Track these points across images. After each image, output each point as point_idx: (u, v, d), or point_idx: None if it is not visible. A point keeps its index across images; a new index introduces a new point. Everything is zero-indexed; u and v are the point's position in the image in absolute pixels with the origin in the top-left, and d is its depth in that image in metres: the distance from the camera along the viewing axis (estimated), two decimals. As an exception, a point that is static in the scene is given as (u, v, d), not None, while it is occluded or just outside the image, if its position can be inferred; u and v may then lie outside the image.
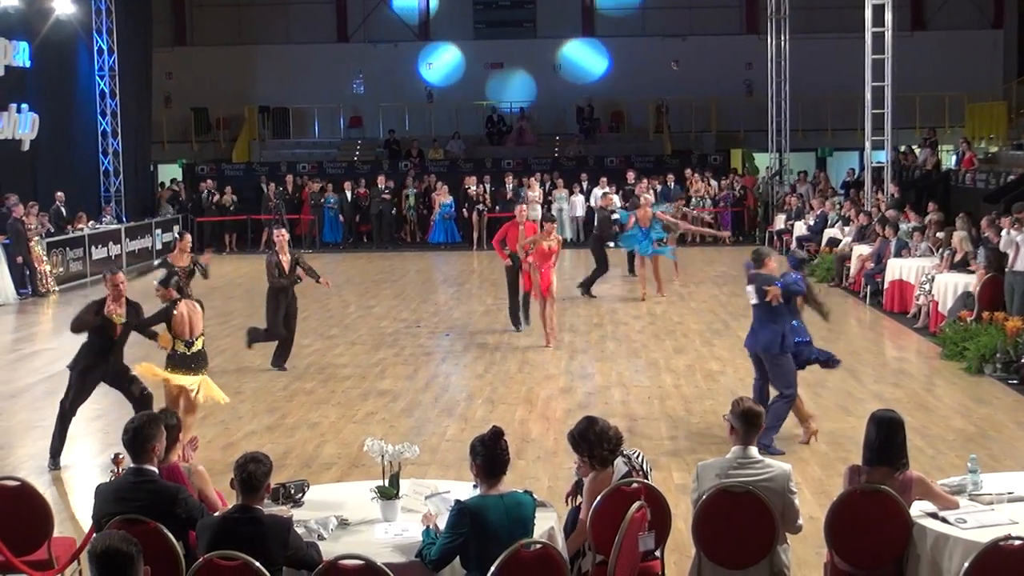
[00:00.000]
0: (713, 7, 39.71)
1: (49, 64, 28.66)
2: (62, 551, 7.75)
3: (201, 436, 11.46)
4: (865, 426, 7.38)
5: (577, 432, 7.62)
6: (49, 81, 28.80)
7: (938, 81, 35.89)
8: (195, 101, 38.61)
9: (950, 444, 11.81)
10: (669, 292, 22.24)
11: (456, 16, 40.61)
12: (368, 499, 7.40)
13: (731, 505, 7.22)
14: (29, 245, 23.90)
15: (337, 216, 33.31)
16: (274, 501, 7.33)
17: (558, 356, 16.81)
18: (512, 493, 6.74)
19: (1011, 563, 6.34)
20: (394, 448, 7.57)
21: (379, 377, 15.48)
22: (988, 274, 17.07)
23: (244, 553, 6.19)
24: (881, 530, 7.06)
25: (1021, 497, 7.36)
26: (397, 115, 39.35)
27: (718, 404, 12.90)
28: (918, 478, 7.24)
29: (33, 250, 24.03)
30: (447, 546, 6.51)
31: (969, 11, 39.40)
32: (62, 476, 11.39)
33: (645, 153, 36.56)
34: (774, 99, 34.19)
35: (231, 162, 36.91)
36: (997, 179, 26.64)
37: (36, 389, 15.37)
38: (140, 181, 33.46)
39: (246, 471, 6.54)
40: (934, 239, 20.35)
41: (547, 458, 11.55)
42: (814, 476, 10.72)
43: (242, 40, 39.75)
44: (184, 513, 6.91)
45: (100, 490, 7.18)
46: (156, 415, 7.49)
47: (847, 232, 25.02)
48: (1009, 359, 14.80)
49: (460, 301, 22.39)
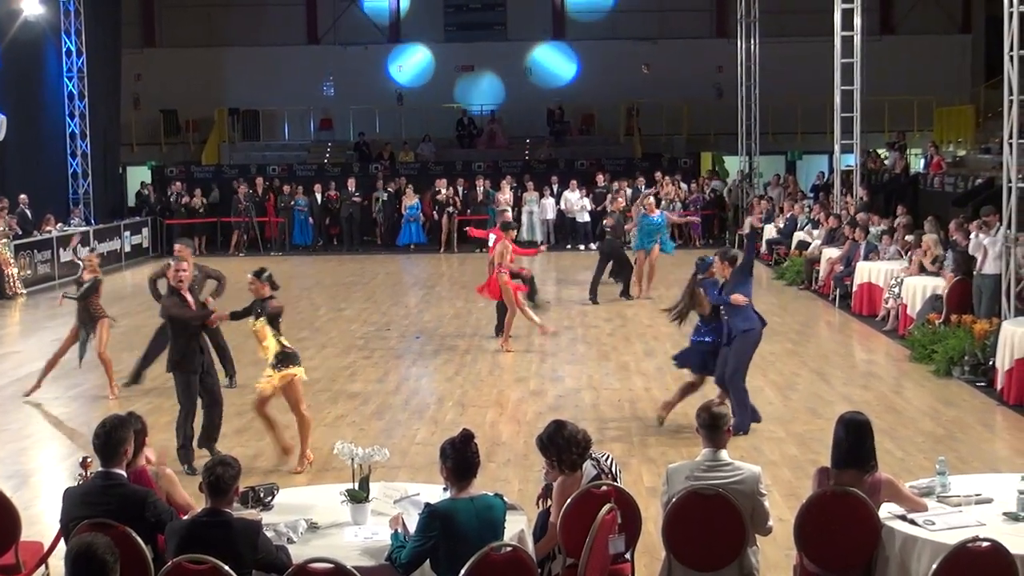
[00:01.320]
0: (684, 11, 39.85)
1: (17, 65, 28.49)
2: (29, 555, 7.70)
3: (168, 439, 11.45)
4: (833, 429, 7.41)
5: (545, 436, 7.61)
6: (17, 82, 28.62)
7: (907, 85, 36.08)
8: (165, 103, 38.43)
9: (919, 446, 11.87)
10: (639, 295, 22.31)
11: (427, 18, 40.58)
12: (338, 502, 7.39)
13: (701, 507, 7.23)
14: (-5, 247, 23.80)
15: (307, 219, 33.23)
16: (243, 504, 7.30)
17: (529, 359, 16.82)
18: (482, 496, 6.73)
19: (979, 565, 6.37)
20: (364, 451, 7.56)
21: (349, 380, 15.46)
22: (956, 277, 17.17)
23: (213, 556, 6.18)
24: (850, 532, 7.08)
25: (989, 499, 7.40)
26: (367, 118, 39.28)
27: (688, 406, 12.89)
28: (887, 480, 7.27)
29: (0, 252, 23.88)
30: (417, 549, 6.50)
31: (938, 16, 39.66)
32: (29, 481, 11.33)
33: (615, 156, 36.60)
34: (744, 102, 34.34)
35: (200, 164, 36.76)
36: (965, 183, 26.77)
37: (4, 392, 15.29)
38: (109, 183, 33.28)
39: (214, 474, 6.52)
40: (903, 242, 20.47)
41: (517, 461, 11.55)
42: (784, 478, 10.76)
43: (212, 42, 39.58)
44: (153, 517, 6.88)
45: (68, 494, 7.14)
46: (126, 418, 7.41)
47: (816, 235, 25.13)
48: (977, 362, 14.88)
49: (430, 304, 22.39)
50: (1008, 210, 15.78)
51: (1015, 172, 15.65)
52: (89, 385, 14.97)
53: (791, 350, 17.08)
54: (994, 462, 11.22)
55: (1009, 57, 15.49)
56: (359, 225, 33.54)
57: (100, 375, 15.11)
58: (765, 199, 31.58)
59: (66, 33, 30.45)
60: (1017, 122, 15.58)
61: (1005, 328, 14.22)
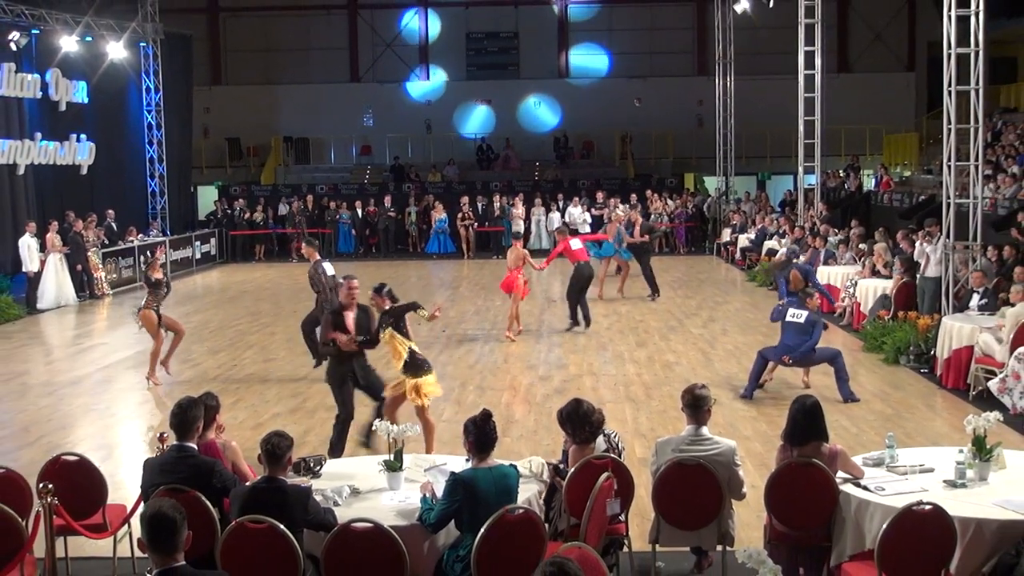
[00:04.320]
0: (670, 53, 39.87)
1: (104, 100, 28.56)
2: (114, 516, 7.74)
3: (233, 418, 11.50)
4: (790, 409, 7.39)
5: (565, 412, 7.60)
6: (104, 115, 28.70)
7: (860, 116, 36.02)
8: (229, 132, 38.53)
9: (870, 423, 11.83)
10: (631, 295, 22.27)
11: (452, 58, 40.60)
12: (376, 471, 7.40)
13: (685, 476, 7.24)
14: (87, 255, 23.86)
15: (350, 230, 33.25)
16: (296, 473, 7.32)
17: (537, 349, 16.80)
18: (499, 466, 6.72)
19: (922, 525, 6.37)
20: (398, 428, 7.57)
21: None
22: (903, 279, 17.14)
23: (271, 517, 6.18)
24: (812, 497, 7.06)
25: (931, 469, 7.37)
26: (401, 144, 39.30)
27: (673, 390, 12.87)
28: (840, 451, 7.28)
29: (90, 259, 23.98)
30: (444, 511, 6.50)
31: (887, 56, 39.59)
32: (114, 453, 11.35)
33: (612, 177, 36.54)
34: (721, 130, 34.28)
35: (260, 184, 36.79)
36: (910, 199, 26.71)
37: (93, 378, 15.33)
38: (182, 200, 33.31)
39: (271, 443, 6.52)
40: (857, 250, 20.41)
41: (529, 436, 11.54)
42: (755, 451, 10.73)
43: (269, 80, 39.70)
44: (219, 483, 6.89)
45: (148, 464, 7.16)
46: (199, 399, 7.40)
47: (783, 243, 25.05)
48: (920, 351, 14.84)
49: (454, 302, 22.36)
50: (947, 222, 15.76)
51: (953, 190, 15.63)
52: (163, 373, 14.94)
53: (762, 341, 16.93)
54: (935, 437, 11.18)
55: (948, 92, 15.46)
56: (394, 235, 33.59)
57: (173, 364, 15.12)
58: (738, 213, 31.54)
59: (146, 73, 30.48)
60: (955, 148, 15.56)
61: (944, 323, 14.20)
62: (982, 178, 16.50)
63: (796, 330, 13.01)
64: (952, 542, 6.40)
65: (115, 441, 11.69)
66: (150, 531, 4.94)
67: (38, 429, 12.35)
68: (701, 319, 19.60)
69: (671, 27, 40.02)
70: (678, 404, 7.71)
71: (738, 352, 16.01)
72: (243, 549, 6.17)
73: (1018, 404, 11.89)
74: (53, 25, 25.89)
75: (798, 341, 12.98)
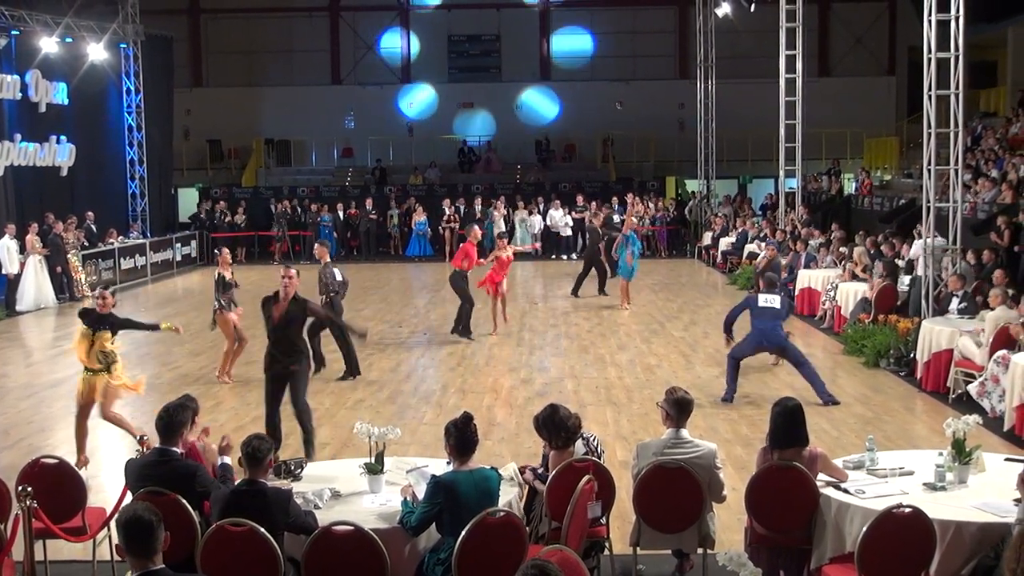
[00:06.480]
0: (652, 56, 39.96)
1: (84, 102, 28.42)
2: (94, 519, 7.70)
3: (214, 420, 11.45)
4: (771, 412, 7.40)
5: (541, 418, 7.60)
6: (84, 116, 28.55)
7: (841, 119, 36.15)
8: (210, 134, 38.42)
9: (851, 426, 11.88)
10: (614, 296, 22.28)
11: (433, 61, 40.62)
12: (357, 474, 7.38)
13: (666, 479, 7.24)
14: (67, 257, 23.77)
15: (331, 232, 33.16)
16: (276, 476, 7.30)
17: (519, 351, 16.80)
18: (480, 469, 6.71)
19: (901, 528, 6.38)
20: (379, 430, 7.55)
21: (367, 370, 15.41)
22: (883, 283, 17.19)
23: (251, 520, 6.16)
24: (793, 500, 7.07)
25: (910, 472, 7.40)
26: (383, 146, 39.27)
27: (655, 393, 12.89)
28: (821, 454, 7.28)
29: (70, 261, 23.89)
30: (425, 514, 6.49)
31: (867, 60, 39.76)
32: (95, 455, 11.28)
33: (593, 180, 36.58)
34: (702, 134, 34.36)
35: (241, 186, 36.69)
36: (890, 202, 26.84)
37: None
38: (163, 202, 33.17)
39: (251, 446, 6.51)
40: (838, 253, 20.48)
41: (510, 439, 11.54)
42: (736, 454, 10.75)
43: (250, 82, 39.62)
44: (200, 487, 6.86)
45: (129, 466, 7.14)
46: (185, 403, 7.38)
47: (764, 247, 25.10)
48: (900, 355, 14.91)
49: (435, 305, 22.34)
50: (927, 226, 15.83)
51: (933, 193, 15.70)
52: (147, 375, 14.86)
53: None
54: (915, 440, 11.22)
55: (928, 96, 15.53)
56: (375, 238, 33.58)
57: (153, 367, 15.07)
58: (720, 216, 31.62)
59: (126, 75, 30.37)
60: (935, 152, 15.63)
61: (924, 326, 14.24)
62: (962, 182, 16.58)
63: (770, 315, 13.22)
64: (932, 545, 6.43)
65: (95, 444, 11.61)
66: (126, 535, 4.94)
67: (17, 432, 12.29)
68: (682, 322, 19.64)
69: (653, 30, 40.10)
70: (658, 408, 7.70)
71: (719, 355, 16.04)
72: (223, 552, 6.15)
73: (997, 407, 11.95)
74: (33, 26, 25.77)
75: (771, 325, 13.14)
